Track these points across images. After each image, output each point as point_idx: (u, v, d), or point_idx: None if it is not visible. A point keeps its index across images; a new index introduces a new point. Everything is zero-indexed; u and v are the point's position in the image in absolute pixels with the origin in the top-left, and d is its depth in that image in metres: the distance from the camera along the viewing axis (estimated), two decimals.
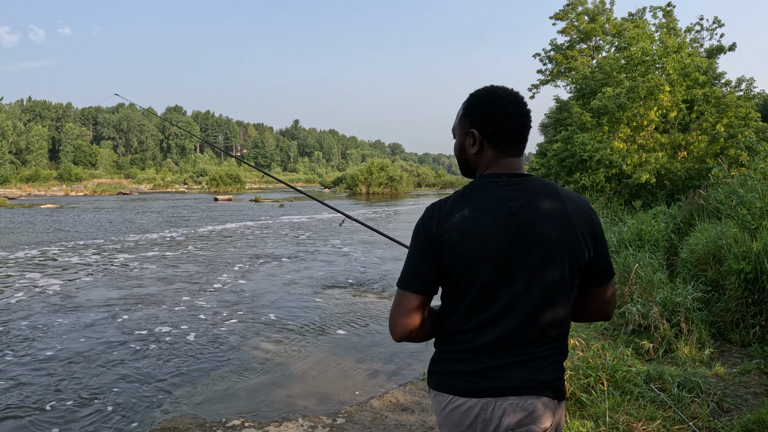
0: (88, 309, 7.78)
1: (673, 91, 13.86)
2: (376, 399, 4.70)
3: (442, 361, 1.59)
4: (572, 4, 26.34)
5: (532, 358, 1.52)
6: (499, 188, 1.53)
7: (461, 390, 1.53)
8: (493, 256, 1.48)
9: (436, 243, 1.51)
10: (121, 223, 21.74)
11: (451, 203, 1.54)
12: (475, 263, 1.49)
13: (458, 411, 1.53)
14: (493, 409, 1.50)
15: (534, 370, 1.52)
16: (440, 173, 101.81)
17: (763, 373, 4.43)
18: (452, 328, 1.57)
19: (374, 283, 9.95)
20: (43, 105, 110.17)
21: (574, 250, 1.52)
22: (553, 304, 1.53)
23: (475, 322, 1.53)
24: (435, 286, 1.57)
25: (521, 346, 1.52)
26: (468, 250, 1.48)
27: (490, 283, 1.50)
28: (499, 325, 1.51)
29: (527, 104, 1.61)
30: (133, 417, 4.40)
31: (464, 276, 1.50)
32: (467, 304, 1.53)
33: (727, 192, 7.82)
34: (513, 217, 1.49)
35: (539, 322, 1.52)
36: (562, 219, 1.51)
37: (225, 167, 78.26)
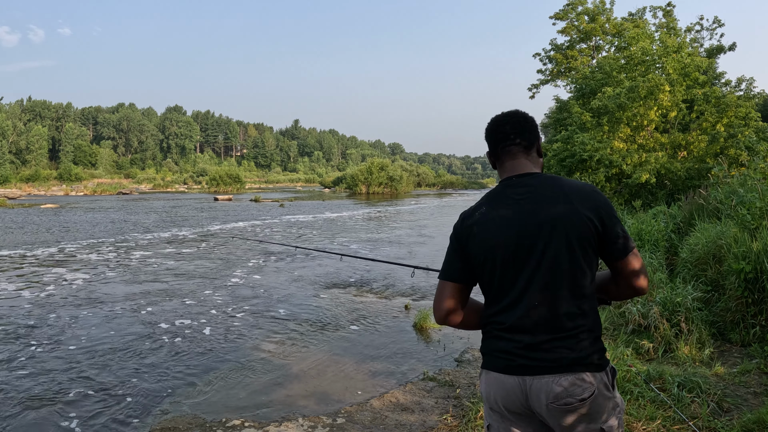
0: (108, 303, 7.85)
1: (673, 90, 13.86)
2: (376, 399, 4.70)
3: (486, 341, 1.84)
4: (572, 4, 26.34)
5: (561, 336, 1.69)
6: (508, 187, 1.83)
7: (501, 367, 1.75)
8: (505, 240, 1.74)
9: (462, 239, 1.83)
10: (128, 223, 21.74)
11: (473, 207, 1.89)
12: (493, 248, 1.76)
13: (502, 387, 1.75)
14: (531, 386, 1.70)
15: (565, 348, 1.68)
16: (440, 173, 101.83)
17: (763, 373, 4.43)
18: (488, 312, 1.83)
19: (376, 282, 9.95)
20: (43, 105, 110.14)
21: (578, 227, 1.70)
22: (569, 281, 1.71)
23: (503, 303, 1.77)
24: (466, 277, 1.84)
25: (546, 321, 1.70)
26: (485, 238, 1.77)
27: (507, 265, 1.75)
28: (522, 303, 1.73)
29: (506, 119, 1.91)
30: (133, 417, 4.40)
31: (487, 261, 1.77)
32: (495, 287, 1.79)
33: (727, 192, 7.82)
34: (518, 205, 1.76)
35: (558, 298, 1.70)
36: (562, 201, 1.73)
37: (225, 167, 78.29)
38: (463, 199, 49.61)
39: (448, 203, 42.23)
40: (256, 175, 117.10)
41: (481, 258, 1.78)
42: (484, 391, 1.83)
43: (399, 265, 5.73)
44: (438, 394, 4.77)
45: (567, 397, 1.66)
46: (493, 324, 1.80)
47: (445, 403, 4.56)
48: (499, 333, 1.77)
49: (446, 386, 4.96)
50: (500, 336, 1.76)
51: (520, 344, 1.71)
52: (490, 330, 1.81)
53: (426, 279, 10.33)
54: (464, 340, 6.47)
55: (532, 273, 1.72)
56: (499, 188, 1.87)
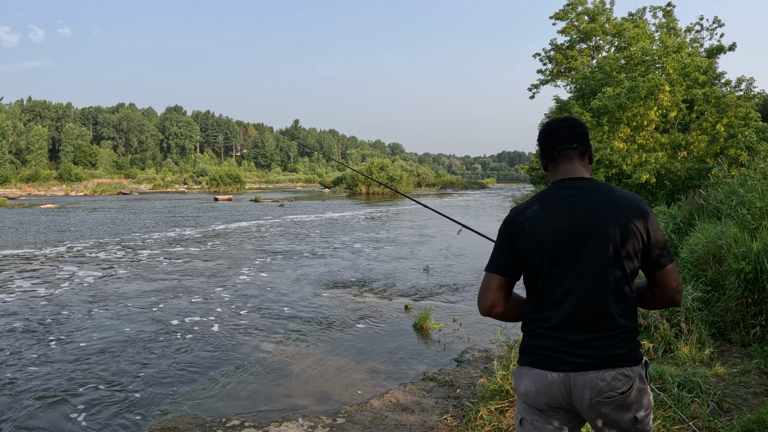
0: (115, 301, 7.89)
1: (673, 90, 13.86)
2: (376, 399, 4.70)
3: (528, 339, 1.90)
4: (572, 4, 26.34)
5: (604, 336, 1.79)
6: (562, 188, 1.91)
7: (545, 363, 1.82)
8: (557, 240, 1.82)
9: (513, 234, 1.90)
10: (132, 223, 21.74)
11: (525, 204, 1.96)
12: (544, 246, 1.83)
13: (545, 383, 1.82)
14: (575, 382, 1.79)
15: (608, 346, 1.79)
16: (440, 173, 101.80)
17: (763, 373, 4.43)
18: (532, 310, 1.89)
19: (376, 282, 9.95)
20: (43, 105, 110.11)
21: (627, 236, 1.80)
22: (614, 285, 1.81)
23: (549, 301, 1.84)
24: (514, 271, 1.91)
25: (591, 323, 1.80)
26: (537, 235, 1.84)
27: (557, 264, 1.83)
28: (568, 302, 1.81)
29: (564, 124, 2.01)
30: (133, 417, 4.40)
31: (536, 258, 1.84)
32: (541, 284, 1.86)
33: (727, 192, 7.83)
34: (572, 207, 1.85)
35: (604, 300, 1.80)
36: (614, 209, 1.82)
37: (225, 167, 78.28)
38: (464, 199, 49.61)
39: (448, 203, 42.24)
40: (256, 175, 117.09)
41: (531, 254, 1.85)
42: (522, 387, 1.90)
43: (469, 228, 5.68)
44: (438, 394, 4.77)
45: (609, 391, 1.77)
46: (536, 322, 1.87)
47: (445, 403, 4.56)
48: (542, 331, 1.85)
49: (446, 386, 4.96)
50: (544, 334, 1.84)
51: (564, 342, 1.80)
52: (534, 328, 1.88)
53: (426, 279, 10.34)
54: (464, 340, 6.48)
55: (579, 274, 1.81)
56: (552, 189, 1.94)
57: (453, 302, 8.48)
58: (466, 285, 9.75)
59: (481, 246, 15.45)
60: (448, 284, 9.82)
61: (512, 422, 3.74)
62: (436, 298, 8.73)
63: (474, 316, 7.66)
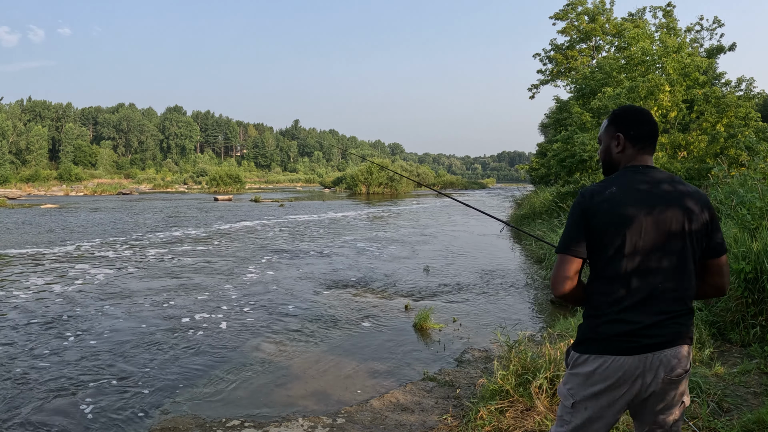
0: (118, 300, 7.86)
1: (673, 91, 13.86)
2: (376, 399, 4.70)
3: (598, 327, 1.94)
4: (572, 4, 26.34)
5: (674, 315, 1.91)
6: (637, 173, 1.99)
7: (623, 349, 1.88)
8: (636, 223, 1.88)
9: (589, 214, 1.92)
10: (135, 222, 21.72)
11: (600, 186, 1.99)
12: (623, 229, 1.88)
13: (618, 369, 1.88)
14: (652, 361, 1.88)
15: (677, 325, 1.92)
16: (440, 173, 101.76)
17: (763, 373, 4.43)
18: (603, 292, 1.94)
19: (376, 282, 9.95)
20: (43, 105, 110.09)
21: (696, 224, 1.93)
22: (682, 269, 1.92)
23: (624, 284, 1.89)
24: (587, 253, 1.95)
25: (664, 304, 1.90)
26: (616, 219, 1.89)
27: (636, 247, 1.88)
28: (645, 285, 1.89)
29: (653, 120, 2.11)
30: (133, 416, 4.40)
31: (613, 239, 1.89)
32: (617, 267, 1.90)
33: (727, 192, 7.83)
34: (649, 195, 1.92)
35: (674, 284, 1.91)
36: (686, 198, 1.94)
37: (225, 167, 78.27)
38: (464, 199, 49.56)
39: (449, 204, 42.23)
40: (256, 175, 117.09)
41: (608, 236, 1.90)
42: (585, 372, 1.94)
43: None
44: (438, 394, 4.77)
45: (678, 369, 1.91)
46: (608, 305, 1.92)
47: (445, 403, 4.56)
48: (617, 315, 1.90)
49: (446, 386, 4.96)
50: (619, 319, 1.90)
51: (640, 324, 1.88)
52: (606, 312, 1.92)
53: (426, 279, 10.34)
54: (464, 340, 6.48)
55: (658, 258, 1.89)
56: (628, 174, 2.00)
57: (453, 302, 8.48)
58: (467, 285, 9.75)
59: (481, 246, 15.45)
60: (448, 284, 9.82)
61: (512, 422, 3.74)
62: (436, 298, 8.73)
63: (474, 316, 7.67)
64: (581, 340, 2.00)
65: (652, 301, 1.89)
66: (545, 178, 20.78)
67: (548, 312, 7.89)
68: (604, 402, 1.93)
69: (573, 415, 1.99)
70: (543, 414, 3.75)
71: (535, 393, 3.92)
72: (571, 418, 2.01)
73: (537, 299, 8.76)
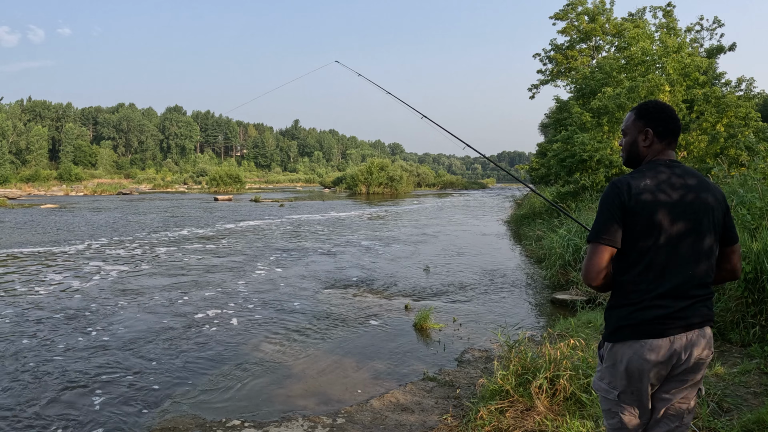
0: (126, 298, 7.82)
1: (673, 91, 13.87)
2: (376, 399, 4.70)
3: (632, 314, 2.02)
4: (572, 4, 26.35)
5: (702, 298, 2.04)
6: (668, 168, 2.09)
7: (658, 332, 1.99)
8: (670, 213, 2.00)
9: (627, 205, 2.00)
10: (139, 222, 21.70)
11: (632, 178, 2.07)
12: (655, 219, 1.99)
13: (656, 351, 1.98)
14: (685, 341, 1.99)
15: (705, 308, 2.05)
16: (440, 173, 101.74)
17: (763, 373, 4.43)
18: (637, 283, 2.02)
19: (376, 282, 9.95)
20: (43, 105, 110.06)
21: (718, 215, 2.08)
22: (708, 257, 2.05)
23: (658, 271, 2.00)
24: (619, 243, 2.02)
25: (695, 289, 2.02)
26: (651, 208, 1.99)
27: (670, 236, 2.00)
28: (678, 271, 2.00)
29: (677, 116, 2.21)
30: (133, 416, 4.40)
31: (648, 230, 1.99)
32: (650, 255, 2.00)
33: (727, 192, 7.82)
34: (680, 188, 2.04)
35: (702, 270, 2.04)
36: (709, 191, 2.09)
37: (225, 167, 78.23)
38: (464, 199, 49.60)
39: (449, 203, 42.25)
40: (256, 175, 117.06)
41: (645, 226, 1.99)
42: (624, 361, 2.03)
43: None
44: (438, 394, 4.77)
45: (707, 349, 2.04)
46: (641, 292, 2.01)
47: (445, 403, 4.56)
48: (650, 301, 2.00)
49: (446, 386, 4.96)
50: (652, 304, 2.00)
51: (673, 308, 1.99)
52: (643, 299, 2.01)
53: (426, 279, 10.34)
54: (464, 340, 6.48)
55: (689, 246, 2.02)
56: (659, 167, 2.11)
57: (453, 302, 8.48)
58: (467, 285, 9.75)
59: (481, 245, 15.45)
60: (448, 284, 9.82)
61: (512, 422, 3.74)
62: (436, 298, 8.73)
63: (474, 316, 7.66)
64: (615, 329, 2.07)
65: (684, 287, 2.00)
66: (545, 178, 20.79)
67: (548, 312, 7.89)
68: (645, 385, 2.03)
69: (620, 405, 2.08)
70: (543, 414, 3.75)
71: (535, 393, 3.92)
72: (618, 409, 2.09)
73: (537, 299, 8.76)
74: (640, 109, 2.22)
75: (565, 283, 9.07)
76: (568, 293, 8.32)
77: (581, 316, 6.70)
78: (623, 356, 2.03)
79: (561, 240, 10.10)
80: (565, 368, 4.07)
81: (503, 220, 24.51)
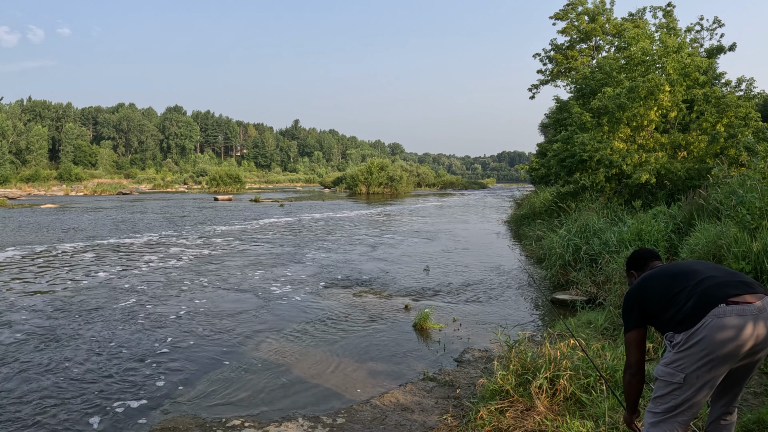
0: (141, 294, 7.79)
1: (673, 91, 13.86)
2: (376, 399, 4.70)
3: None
4: (572, 4, 26.35)
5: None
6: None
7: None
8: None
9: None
10: (148, 221, 21.73)
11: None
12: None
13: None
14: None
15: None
16: (440, 173, 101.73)
17: (763, 373, 4.43)
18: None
19: (376, 282, 9.95)
20: (43, 105, 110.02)
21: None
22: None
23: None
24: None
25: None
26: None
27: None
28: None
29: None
30: (133, 417, 4.40)
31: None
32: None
33: (726, 192, 7.83)
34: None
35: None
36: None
37: (225, 167, 78.22)
38: (465, 199, 49.60)
39: (449, 203, 42.24)
40: (256, 175, 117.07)
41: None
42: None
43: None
44: (438, 394, 4.77)
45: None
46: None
47: (445, 403, 4.56)
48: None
49: (446, 386, 4.96)
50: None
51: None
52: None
53: (426, 279, 10.34)
54: (464, 340, 6.48)
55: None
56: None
57: (453, 302, 8.48)
58: (467, 285, 9.75)
59: (481, 245, 15.45)
60: (448, 284, 9.82)
61: (512, 422, 3.74)
62: (436, 298, 8.73)
63: (474, 316, 7.66)
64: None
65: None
66: (545, 178, 20.77)
67: (548, 312, 7.89)
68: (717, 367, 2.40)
69: (683, 388, 2.41)
70: (543, 414, 3.75)
71: (535, 393, 3.92)
72: (681, 393, 2.41)
73: (537, 299, 8.75)
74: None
75: (565, 283, 9.07)
76: (568, 293, 8.32)
77: (581, 316, 6.70)
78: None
79: (561, 240, 10.10)
80: (565, 368, 4.08)
81: (503, 220, 24.51)
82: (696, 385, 2.41)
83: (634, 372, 2.65)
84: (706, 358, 2.39)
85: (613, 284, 7.10)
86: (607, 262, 8.03)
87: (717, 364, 2.38)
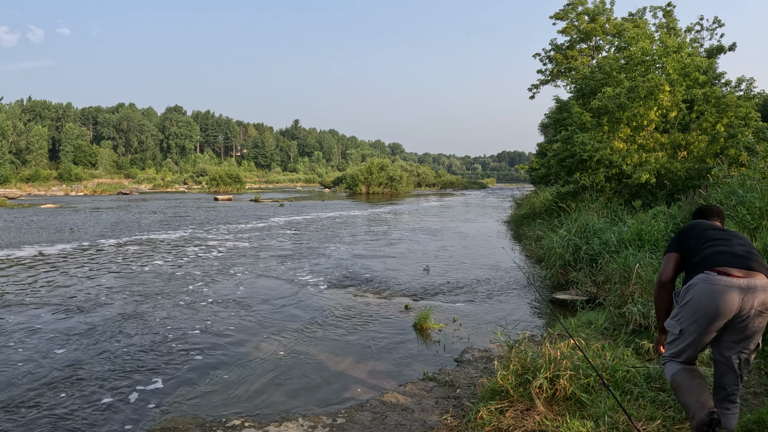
0: (141, 295, 7.80)
1: (673, 91, 13.86)
2: (376, 399, 4.70)
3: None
4: (572, 4, 26.34)
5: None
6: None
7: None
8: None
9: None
10: (151, 221, 21.74)
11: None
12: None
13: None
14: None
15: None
16: (440, 173, 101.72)
17: (763, 373, 4.43)
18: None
19: (376, 282, 9.95)
20: (43, 105, 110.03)
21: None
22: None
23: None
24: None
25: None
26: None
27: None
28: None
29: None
30: (133, 417, 4.40)
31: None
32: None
33: (726, 192, 7.84)
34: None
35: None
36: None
37: (225, 167, 78.23)
38: (465, 199, 49.60)
39: (449, 203, 42.24)
40: (256, 175, 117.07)
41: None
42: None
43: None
44: (438, 394, 4.77)
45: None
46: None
47: (445, 403, 4.56)
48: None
49: (446, 386, 4.96)
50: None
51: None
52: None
53: (426, 279, 10.34)
54: (464, 340, 6.48)
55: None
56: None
57: (453, 302, 8.48)
58: (467, 285, 9.75)
59: (481, 245, 15.45)
60: (448, 284, 9.82)
61: (512, 422, 3.74)
62: (436, 298, 8.73)
63: (474, 316, 7.66)
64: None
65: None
66: (545, 178, 20.76)
67: (548, 312, 7.89)
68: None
69: (680, 338, 3.04)
70: (543, 414, 3.75)
71: (535, 393, 3.92)
72: (680, 342, 3.05)
73: (537, 299, 8.75)
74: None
75: (565, 283, 9.07)
76: (568, 293, 8.32)
77: (581, 316, 6.69)
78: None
79: (561, 240, 10.10)
80: (565, 368, 4.08)
81: (503, 220, 24.51)
82: (691, 336, 2.99)
83: (662, 282, 3.20)
84: (693, 316, 2.93)
85: (613, 284, 7.10)
86: (607, 262, 8.03)
87: (703, 323, 2.92)
